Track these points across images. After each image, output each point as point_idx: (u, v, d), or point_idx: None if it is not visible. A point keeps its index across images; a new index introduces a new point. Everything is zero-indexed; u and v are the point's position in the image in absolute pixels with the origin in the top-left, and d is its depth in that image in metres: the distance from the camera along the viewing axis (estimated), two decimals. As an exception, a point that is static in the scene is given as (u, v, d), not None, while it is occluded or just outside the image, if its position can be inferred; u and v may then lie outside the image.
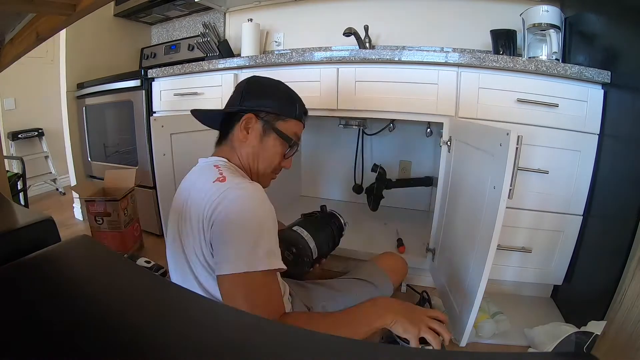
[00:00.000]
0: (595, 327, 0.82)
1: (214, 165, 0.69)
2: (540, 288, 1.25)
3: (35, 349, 0.27)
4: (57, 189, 2.66)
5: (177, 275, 0.70)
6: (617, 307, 0.86)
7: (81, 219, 2.10)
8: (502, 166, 0.75)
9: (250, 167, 0.76)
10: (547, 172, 1.06)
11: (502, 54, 1.42)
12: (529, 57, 1.33)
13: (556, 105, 1.05)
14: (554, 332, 0.92)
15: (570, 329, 0.88)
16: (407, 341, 0.64)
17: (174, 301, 0.35)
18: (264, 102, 0.75)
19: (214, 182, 0.62)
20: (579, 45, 1.23)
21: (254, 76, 0.80)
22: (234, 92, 0.79)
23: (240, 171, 0.73)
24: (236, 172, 0.71)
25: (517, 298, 1.23)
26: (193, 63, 1.49)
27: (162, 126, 1.12)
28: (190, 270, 0.65)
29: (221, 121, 0.80)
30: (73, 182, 2.14)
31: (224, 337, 0.29)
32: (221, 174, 0.65)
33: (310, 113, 1.32)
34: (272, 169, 0.79)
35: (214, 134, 0.82)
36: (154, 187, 1.57)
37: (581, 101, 1.05)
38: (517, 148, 0.76)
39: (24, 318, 0.31)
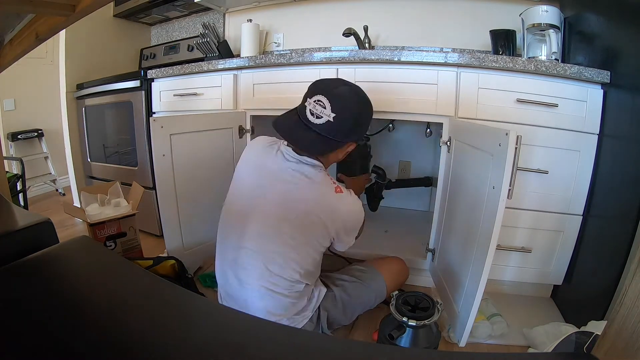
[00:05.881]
0: (595, 327, 0.82)
1: (332, 181, 0.88)
2: (540, 288, 1.25)
3: (34, 349, 0.27)
4: (57, 190, 2.66)
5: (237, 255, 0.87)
6: (617, 307, 0.86)
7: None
8: (501, 166, 0.76)
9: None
10: (546, 172, 1.06)
11: (501, 54, 1.42)
12: (529, 57, 1.33)
13: (556, 105, 1.05)
14: (554, 332, 0.92)
15: (570, 329, 0.87)
16: None
17: (173, 302, 0.35)
18: (362, 131, 0.92)
19: (335, 192, 0.86)
20: (578, 45, 1.23)
21: (368, 102, 0.90)
22: (344, 111, 0.83)
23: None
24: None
25: (516, 298, 1.23)
26: (193, 64, 1.49)
27: (162, 127, 1.12)
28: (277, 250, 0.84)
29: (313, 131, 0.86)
30: (73, 183, 2.13)
31: (223, 337, 0.29)
32: (335, 184, 0.88)
33: (309, 113, 1.34)
34: None
35: (214, 135, 0.81)
36: (154, 188, 1.57)
37: (581, 101, 1.05)
38: (516, 148, 0.76)
39: (23, 318, 0.31)
